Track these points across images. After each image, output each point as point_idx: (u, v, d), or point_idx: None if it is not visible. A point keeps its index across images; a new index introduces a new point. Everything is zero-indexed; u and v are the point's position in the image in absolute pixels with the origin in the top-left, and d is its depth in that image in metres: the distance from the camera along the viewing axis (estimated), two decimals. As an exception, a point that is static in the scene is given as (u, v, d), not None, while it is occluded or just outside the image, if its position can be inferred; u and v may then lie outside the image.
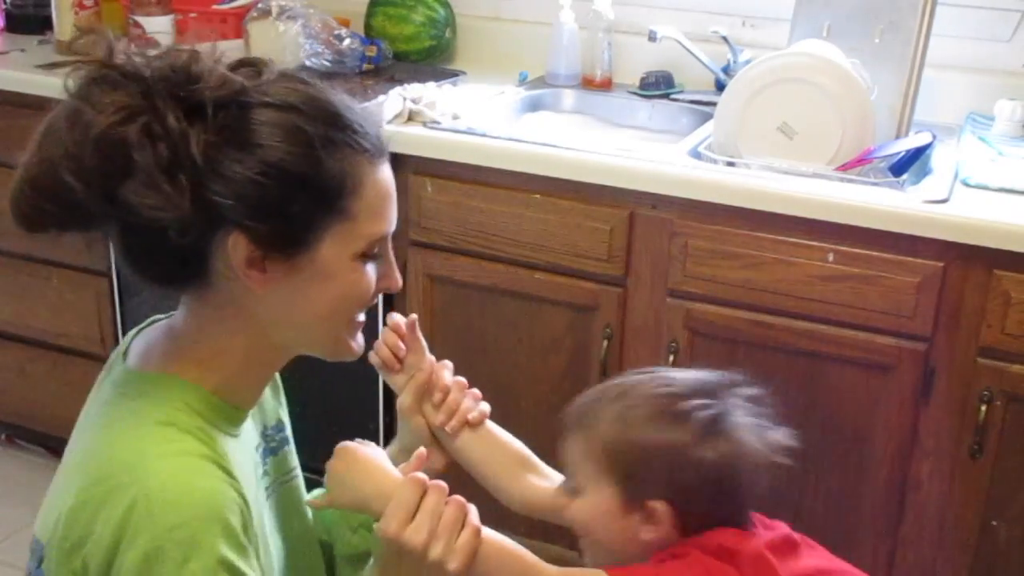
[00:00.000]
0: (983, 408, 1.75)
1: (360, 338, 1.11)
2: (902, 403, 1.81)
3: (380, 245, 1.06)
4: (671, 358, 1.93)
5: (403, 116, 2.09)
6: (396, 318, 1.28)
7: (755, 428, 1.14)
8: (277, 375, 1.24)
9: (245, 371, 1.07)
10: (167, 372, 1.04)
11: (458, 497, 1.02)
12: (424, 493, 1.01)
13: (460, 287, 2.09)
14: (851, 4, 2.02)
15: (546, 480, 1.25)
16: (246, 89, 0.97)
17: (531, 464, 1.27)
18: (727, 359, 1.90)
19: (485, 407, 1.27)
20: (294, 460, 1.24)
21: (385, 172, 1.05)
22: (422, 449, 1.10)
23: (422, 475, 1.03)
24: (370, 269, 1.06)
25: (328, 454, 1.14)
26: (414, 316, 1.28)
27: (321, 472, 1.14)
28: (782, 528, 1.17)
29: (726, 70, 2.31)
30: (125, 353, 1.09)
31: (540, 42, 2.47)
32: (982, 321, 1.73)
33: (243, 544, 0.96)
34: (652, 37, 2.25)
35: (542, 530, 1.36)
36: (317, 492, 1.24)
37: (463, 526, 1.01)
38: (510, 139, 2.01)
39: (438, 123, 2.08)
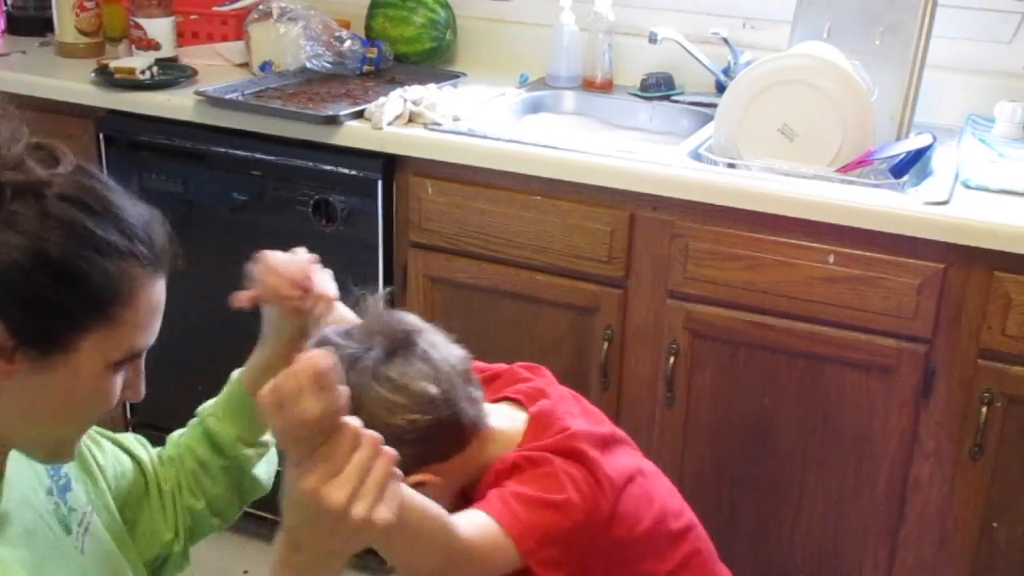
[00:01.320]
0: (984, 410, 1.75)
1: (80, 443, 1.08)
2: (903, 404, 1.81)
3: (136, 357, 1.03)
4: (671, 359, 1.93)
5: (404, 118, 2.09)
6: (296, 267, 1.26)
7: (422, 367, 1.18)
8: None
9: None
10: None
11: (389, 450, 0.94)
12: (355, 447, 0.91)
13: (460, 288, 2.09)
14: (851, 6, 2.03)
15: None
16: (48, 182, 0.94)
17: None
18: (728, 360, 1.91)
19: (333, 289, 1.30)
20: (83, 499, 1.17)
21: (159, 287, 1.02)
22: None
23: (353, 422, 0.92)
24: (119, 380, 1.03)
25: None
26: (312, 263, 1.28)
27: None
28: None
29: (726, 72, 2.32)
30: None
31: (541, 44, 2.48)
32: (983, 323, 1.73)
33: None
34: (652, 39, 2.25)
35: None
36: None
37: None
38: (511, 141, 2.01)
39: (439, 125, 2.08)
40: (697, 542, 1.33)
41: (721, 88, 2.27)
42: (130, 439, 1.30)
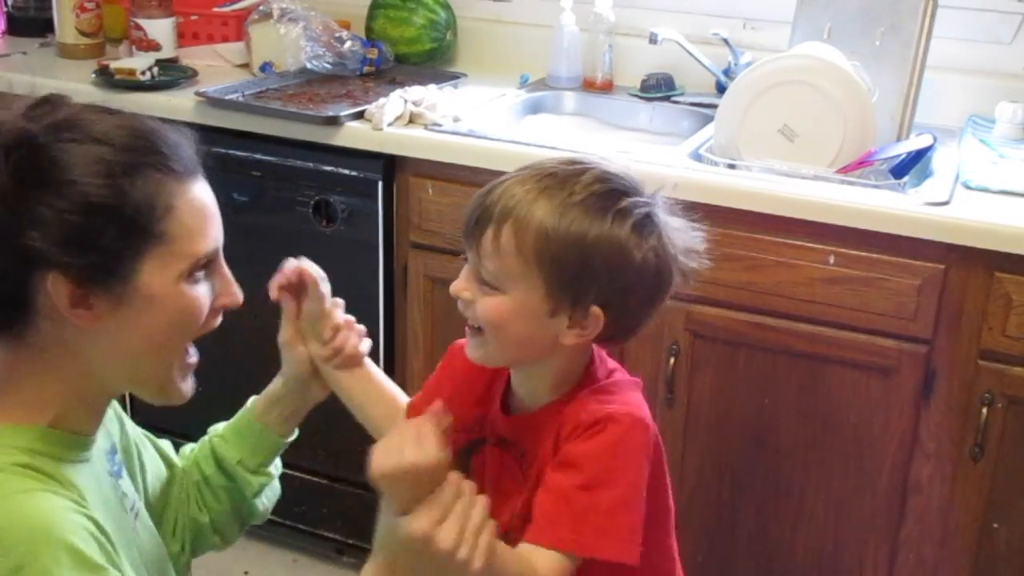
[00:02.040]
0: (984, 410, 1.75)
1: (191, 381, 1.10)
2: (903, 405, 1.81)
3: (209, 263, 1.05)
4: (672, 360, 1.93)
5: (404, 118, 2.09)
6: (295, 265, 1.26)
7: (677, 229, 1.16)
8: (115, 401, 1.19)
9: (78, 405, 1.05)
10: None
11: (483, 497, 1.02)
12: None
13: (461, 289, 2.09)
14: (852, 6, 2.03)
15: None
16: (32, 129, 0.96)
17: (403, 410, 1.33)
18: (728, 361, 1.91)
19: (365, 346, 1.31)
20: (132, 487, 1.20)
21: (198, 190, 1.04)
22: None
23: (458, 474, 1.01)
24: (201, 290, 1.04)
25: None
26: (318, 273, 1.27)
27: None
28: None
29: (727, 72, 2.31)
30: None
31: (541, 44, 2.48)
32: (983, 323, 1.73)
33: (97, 563, 0.94)
34: (653, 39, 2.25)
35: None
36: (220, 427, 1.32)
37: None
38: (511, 141, 2.01)
39: (439, 125, 2.08)
40: (673, 551, 1.28)
41: (721, 89, 2.27)
42: (167, 446, 1.32)
